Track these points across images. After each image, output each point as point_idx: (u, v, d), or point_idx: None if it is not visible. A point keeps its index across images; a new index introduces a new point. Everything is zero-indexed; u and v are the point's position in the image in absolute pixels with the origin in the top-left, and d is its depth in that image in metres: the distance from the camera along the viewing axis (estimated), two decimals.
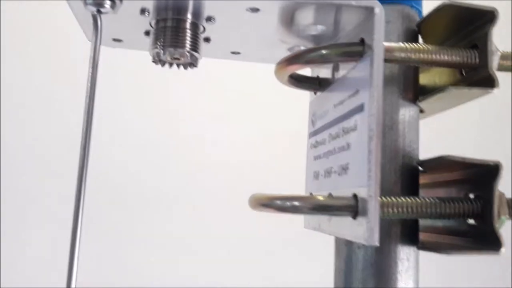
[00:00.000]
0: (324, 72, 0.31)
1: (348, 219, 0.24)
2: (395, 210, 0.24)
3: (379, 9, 0.23)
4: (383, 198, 0.24)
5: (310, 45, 0.29)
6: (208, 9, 0.25)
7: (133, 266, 0.84)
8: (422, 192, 0.28)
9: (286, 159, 0.90)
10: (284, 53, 0.31)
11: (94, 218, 0.67)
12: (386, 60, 0.24)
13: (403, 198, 0.24)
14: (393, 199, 0.24)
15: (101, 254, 0.82)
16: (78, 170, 0.24)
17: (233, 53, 0.32)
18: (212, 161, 0.88)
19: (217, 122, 0.90)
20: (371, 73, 0.23)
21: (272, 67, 0.34)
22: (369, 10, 0.24)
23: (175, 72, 0.29)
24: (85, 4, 0.23)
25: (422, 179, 0.28)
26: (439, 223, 0.28)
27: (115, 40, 0.30)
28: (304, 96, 0.34)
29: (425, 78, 0.29)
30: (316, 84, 0.31)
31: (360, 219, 0.23)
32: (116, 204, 0.85)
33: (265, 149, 0.91)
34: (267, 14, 0.25)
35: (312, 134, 0.32)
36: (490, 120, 1.00)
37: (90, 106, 0.24)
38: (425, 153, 0.28)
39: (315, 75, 0.32)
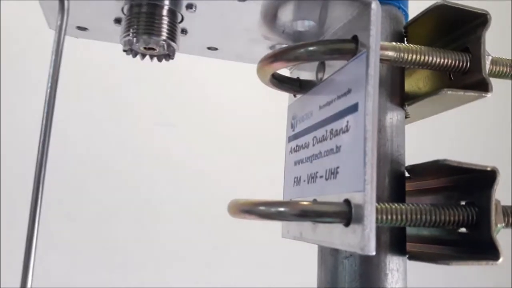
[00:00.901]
0: (305, 74, 0.29)
1: (339, 227, 0.22)
2: (389, 217, 0.23)
3: (375, 5, 0.22)
4: (378, 204, 0.22)
5: (292, 42, 0.28)
6: None
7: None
8: (407, 199, 0.26)
9: (257, 165, 0.90)
10: (264, 52, 0.29)
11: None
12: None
13: (397, 205, 0.23)
14: (387, 205, 0.23)
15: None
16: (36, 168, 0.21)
17: (209, 48, 0.30)
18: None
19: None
20: (367, 71, 0.22)
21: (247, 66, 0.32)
22: (364, 6, 0.22)
23: (148, 65, 0.26)
24: None
25: (407, 186, 0.27)
26: (425, 232, 0.27)
27: (79, 28, 0.27)
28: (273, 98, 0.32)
29: (408, 84, 0.28)
30: (297, 86, 0.30)
31: (354, 226, 0.21)
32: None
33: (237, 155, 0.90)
34: (254, 3, 0.23)
35: (292, 138, 0.30)
36: (469, 122, 1.02)
37: (51, 100, 0.21)
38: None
39: (295, 76, 0.31)
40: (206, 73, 0.86)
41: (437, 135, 0.95)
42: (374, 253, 0.20)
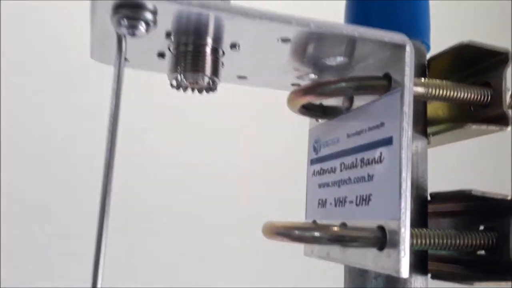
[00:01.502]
0: (329, 100, 0.31)
1: (372, 250, 0.24)
2: (418, 241, 0.25)
3: (409, 47, 0.24)
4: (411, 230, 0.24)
5: (322, 74, 0.29)
6: (234, 35, 0.25)
7: None
8: (428, 222, 0.28)
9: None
10: (292, 80, 0.31)
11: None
12: None
13: (425, 230, 0.25)
14: (417, 231, 0.25)
15: None
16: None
17: (239, 77, 0.31)
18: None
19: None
20: (401, 108, 0.23)
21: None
22: (398, 47, 0.24)
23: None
24: (118, 25, 0.22)
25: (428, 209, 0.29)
26: (443, 252, 0.29)
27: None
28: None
29: (429, 110, 0.30)
30: (320, 112, 0.31)
31: (388, 251, 0.23)
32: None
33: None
34: (295, 44, 0.25)
35: (315, 161, 0.32)
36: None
37: (113, 134, 0.22)
38: None
39: (317, 102, 0.32)
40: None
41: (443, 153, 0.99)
42: (407, 276, 0.22)
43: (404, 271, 0.22)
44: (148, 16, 0.22)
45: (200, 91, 0.27)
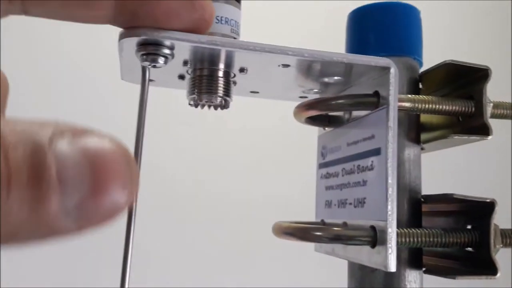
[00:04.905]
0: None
1: (366, 247, 0.28)
2: (406, 239, 0.28)
3: (393, 69, 0.27)
4: (398, 230, 0.28)
5: (325, 89, 0.33)
6: (242, 62, 0.29)
7: None
8: (424, 219, 0.32)
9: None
10: (299, 94, 0.35)
11: None
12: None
13: (414, 229, 0.28)
14: (405, 230, 0.28)
15: None
16: None
17: (252, 92, 0.35)
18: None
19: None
20: (387, 123, 0.27)
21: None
22: (384, 69, 0.27)
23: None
24: (142, 60, 0.26)
25: (423, 208, 0.32)
26: (439, 248, 0.32)
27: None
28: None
29: (423, 117, 0.33)
30: (326, 122, 0.35)
31: (379, 248, 0.27)
32: None
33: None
34: (294, 68, 0.29)
35: (323, 165, 0.36)
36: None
37: (139, 154, 0.25)
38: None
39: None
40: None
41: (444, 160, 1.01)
42: (394, 270, 0.26)
43: (392, 266, 0.26)
44: (166, 51, 0.26)
45: (215, 108, 0.31)
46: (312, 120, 0.34)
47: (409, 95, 0.29)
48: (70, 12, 0.21)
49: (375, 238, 0.27)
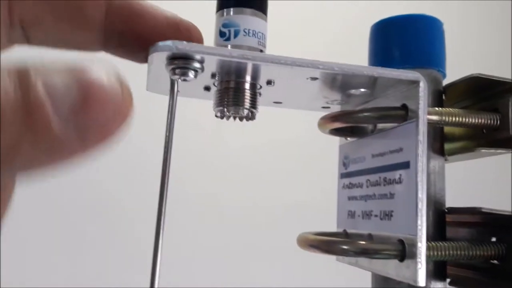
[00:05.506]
0: None
1: (393, 261, 0.28)
2: (433, 253, 0.28)
3: (423, 83, 0.27)
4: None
5: (348, 100, 0.33)
6: (270, 75, 0.29)
7: None
8: (447, 229, 0.32)
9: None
10: (322, 104, 0.35)
11: None
12: None
13: (440, 243, 0.28)
14: (432, 243, 0.28)
15: None
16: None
17: (275, 102, 0.35)
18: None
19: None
20: (417, 137, 0.27)
21: None
22: (413, 82, 0.27)
23: None
24: (172, 73, 0.26)
25: (448, 218, 0.32)
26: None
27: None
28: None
29: (446, 128, 0.33)
30: (349, 132, 0.35)
31: (407, 262, 0.27)
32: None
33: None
34: (322, 80, 0.29)
35: (345, 175, 0.36)
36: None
37: (167, 164, 0.25)
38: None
39: None
40: None
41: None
42: (424, 285, 0.26)
43: (421, 280, 0.26)
44: (197, 65, 0.26)
45: (240, 119, 0.31)
46: (336, 131, 0.34)
47: (436, 108, 0.29)
48: (64, 33, 0.22)
49: (404, 252, 0.27)
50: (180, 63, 0.26)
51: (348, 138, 0.36)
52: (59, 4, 0.21)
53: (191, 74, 0.26)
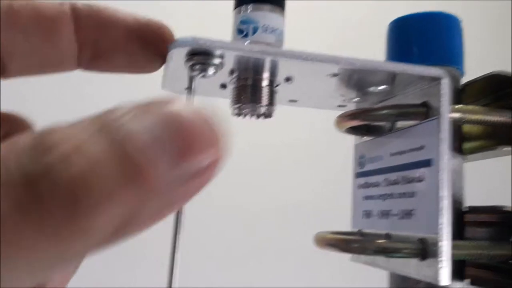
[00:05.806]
0: None
1: (414, 260, 0.27)
2: (454, 252, 0.28)
3: (446, 79, 0.27)
4: None
5: (365, 98, 0.33)
6: (289, 72, 0.28)
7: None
8: (466, 229, 0.31)
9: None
10: (338, 102, 0.34)
11: None
12: None
13: (460, 242, 0.28)
14: (454, 242, 0.28)
15: None
16: None
17: (290, 101, 0.35)
18: None
19: None
20: (439, 134, 0.26)
21: None
22: (436, 79, 0.27)
23: None
24: (191, 69, 0.25)
25: (465, 217, 0.32)
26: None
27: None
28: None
29: (464, 126, 0.33)
30: (365, 130, 0.35)
31: (429, 261, 0.26)
32: None
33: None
34: (342, 77, 0.28)
35: (360, 175, 0.35)
36: None
37: None
38: None
39: None
40: None
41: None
42: (448, 284, 0.25)
43: (444, 279, 0.26)
44: (216, 61, 0.26)
45: (258, 117, 0.31)
46: (352, 129, 0.34)
47: (457, 106, 0.29)
48: (38, 55, 0.21)
49: (425, 251, 0.27)
50: (200, 59, 0.26)
51: (364, 137, 0.36)
52: (30, 30, 0.20)
53: (210, 70, 0.26)
